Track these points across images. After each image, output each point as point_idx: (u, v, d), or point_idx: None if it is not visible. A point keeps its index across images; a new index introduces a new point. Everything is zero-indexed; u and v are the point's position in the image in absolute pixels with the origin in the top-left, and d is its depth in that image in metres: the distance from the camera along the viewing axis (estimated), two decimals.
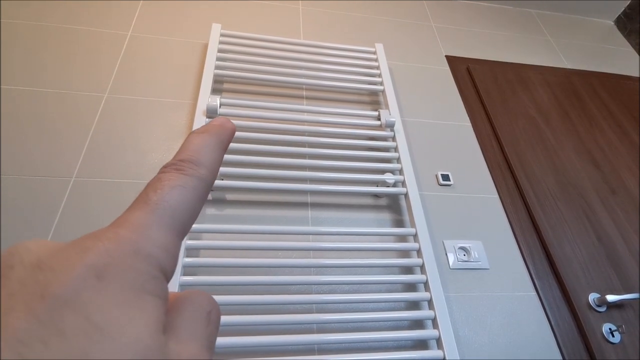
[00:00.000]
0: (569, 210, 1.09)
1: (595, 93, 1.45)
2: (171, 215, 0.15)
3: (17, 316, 0.10)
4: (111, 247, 0.13)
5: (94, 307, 0.11)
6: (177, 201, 0.15)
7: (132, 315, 0.12)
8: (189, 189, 0.16)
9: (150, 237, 0.14)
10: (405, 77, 1.30)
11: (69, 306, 0.11)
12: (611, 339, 0.88)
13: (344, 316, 0.76)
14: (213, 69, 1.06)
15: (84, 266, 0.12)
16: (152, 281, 0.13)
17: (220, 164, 0.18)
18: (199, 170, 0.16)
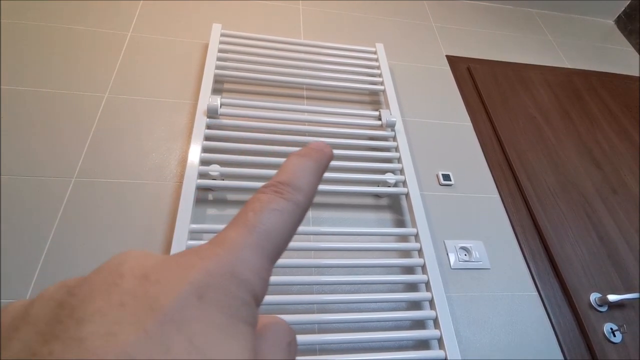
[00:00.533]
0: (570, 210, 1.09)
1: (595, 93, 1.45)
2: (267, 238, 0.14)
3: (128, 330, 0.10)
4: (211, 267, 0.13)
5: (196, 329, 0.11)
6: (273, 225, 0.15)
7: (230, 343, 0.11)
8: (286, 213, 0.15)
9: (246, 260, 0.13)
10: (405, 77, 1.30)
11: (175, 324, 0.11)
12: (612, 338, 0.88)
13: (345, 316, 0.76)
14: (213, 69, 1.06)
15: (189, 284, 0.12)
16: (245, 308, 0.13)
17: (316, 191, 0.17)
18: (297, 196, 0.16)
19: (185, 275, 0.12)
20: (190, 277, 0.12)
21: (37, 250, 0.78)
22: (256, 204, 0.15)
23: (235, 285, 0.13)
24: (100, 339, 0.10)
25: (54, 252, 0.78)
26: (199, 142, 0.91)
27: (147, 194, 0.89)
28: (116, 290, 0.11)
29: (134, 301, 0.11)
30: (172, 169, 0.94)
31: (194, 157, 0.88)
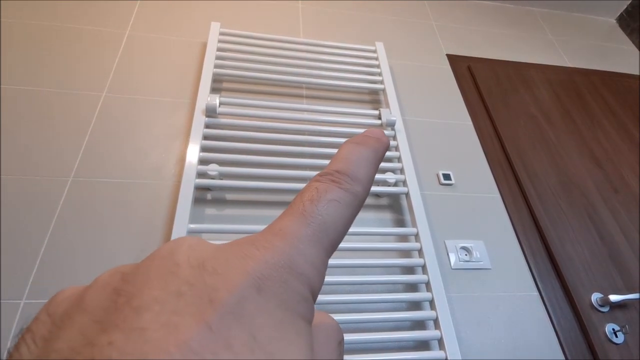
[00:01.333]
0: (571, 210, 1.08)
1: (597, 92, 1.44)
2: (325, 230, 0.14)
3: (189, 322, 0.10)
4: (269, 258, 0.12)
5: (258, 323, 0.11)
6: (332, 216, 0.14)
7: (291, 340, 0.11)
8: (344, 204, 0.15)
9: (304, 253, 0.13)
10: (406, 76, 1.29)
11: (235, 318, 0.10)
12: (614, 339, 0.87)
13: (345, 317, 0.75)
14: (212, 67, 1.05)
15: (247, 275, 0.11)
16: (303, 303, 0.12)
17: (373, 181, 0.17)
18: (356, 186, 0.15)
19: (244, 266, 0.11)
20: (248, 268, 0.11)
21: (34, 250, 0.77)
22: (313, 192, 0.14)
23: (293, 278, 0.12)
24: (161, 329, 0.10)
25: (51, 252, 0.77)
26: (197, 141, 0.90)
27: (145, 194, 0.88)
28: (173, 279, 0.11)
29: (192, 291, 0.11)
30: (170, 169, 0.93)
31: (193, 157, 0.88)
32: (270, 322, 0.11)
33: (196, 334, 0.10)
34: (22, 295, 0.72)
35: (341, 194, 0.15)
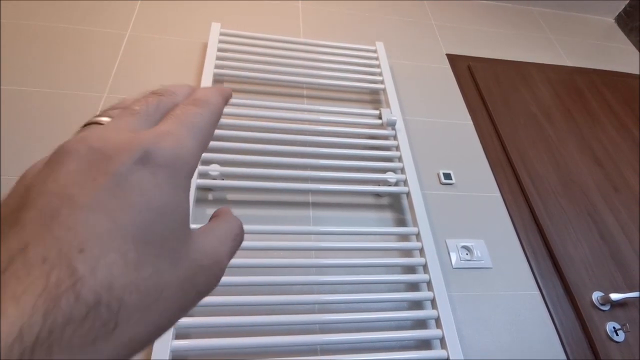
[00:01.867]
0: (572, 209, 1.08)
1: (597, 91, 1.44)
2: (195, 129, 0.17)
3: (86, 188, 0.13)
4: (152, 139, 0.15)
5: (147, 186, 0.13)
6: (198, 123, 0.17)
7: (182, 197, 0.15)
8: (204, 115, 0.18)
9: (184, 142, 0.16)
10: (406, 76, 1.30)
11: (127, 182, 0.13)
12: (615, 337, 0.87)
13: (347, 316, 0.75)
14: (213, 68, 1.05)
15: (134, 150, 0.14)
16: (185, 180, 0.15)
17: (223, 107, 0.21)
18: (209, 104, 0.19)
19: (130, 142, 0.14)
20: (134, 145, 0.14)
21: None
22: (176, 109, 0.17)
23: (177, 159, 0.15)
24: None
25: None
26: None
27: None
28: (69, 162, 0.13)
29: (88, 167, 0.13)
30: None
31: None
32: (159, 186, 0.14)
33: (93, 196, 0.12)
34: None
35: (198, 109, 0.18)
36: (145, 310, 0.12)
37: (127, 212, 0.13)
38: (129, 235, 0.12)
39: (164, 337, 0.66)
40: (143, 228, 0.13)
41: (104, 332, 0.11)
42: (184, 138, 0.16)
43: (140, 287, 0.12)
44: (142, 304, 0.12)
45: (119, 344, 0.11)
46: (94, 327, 0.11)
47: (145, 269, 0.13)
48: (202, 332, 0.73)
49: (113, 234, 0.12)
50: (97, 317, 0.11)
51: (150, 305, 0.13)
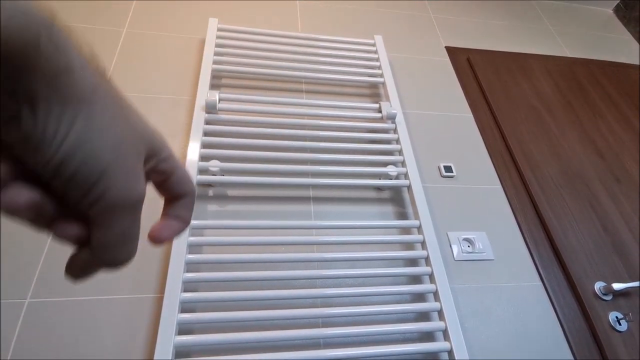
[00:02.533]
0: (573, 200, 1.08)
1: (597, 82, 1.44)
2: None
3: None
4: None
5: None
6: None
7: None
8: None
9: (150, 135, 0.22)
10: (405, 69, 1.29)
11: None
12: (618, 327, 0.87)
13: (349, 310, 0.75)
14: (211, 64, 1.05)
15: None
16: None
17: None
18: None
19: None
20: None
21: (38, 249, 0.77)
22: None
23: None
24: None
25: (54, 250, 0.77)
26: (198, 138, 0.90)
27: (147, 191, 0.88)
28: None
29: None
30: None
31: (194, 153, 0.87)
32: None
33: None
34: (27, 294, 0.72)
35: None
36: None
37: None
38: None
39: (167, 333, 0.66)
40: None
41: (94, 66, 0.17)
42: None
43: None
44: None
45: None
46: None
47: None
48: (205, 327, 0.73)
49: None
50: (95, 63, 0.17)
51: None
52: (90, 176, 0.16)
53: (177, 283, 0.71)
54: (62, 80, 0.15)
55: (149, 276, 0.78)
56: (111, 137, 0.17)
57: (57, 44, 0.14)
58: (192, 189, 0.23)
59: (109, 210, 0.18)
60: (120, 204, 0.18)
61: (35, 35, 0.13)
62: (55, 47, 0.14)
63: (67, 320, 0.71)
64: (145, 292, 0.76)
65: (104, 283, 0.76)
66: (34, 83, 0.14)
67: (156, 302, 0.75)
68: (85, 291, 0.74)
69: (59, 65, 0.15)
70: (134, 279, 0.77)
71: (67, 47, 0.15)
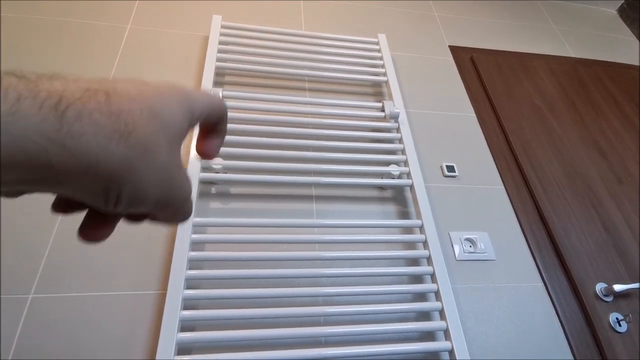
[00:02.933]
0: (576, 200, 1.08)
1: (600, 82, 1.43)
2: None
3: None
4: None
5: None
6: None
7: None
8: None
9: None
10: (408, 68, 1.29)
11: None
12: (618, 328, 0.87)
13: (351, 308, 0.76)
14: (214, 61, 1.04)
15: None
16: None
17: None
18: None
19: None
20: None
21: (42, 245, 0.77)
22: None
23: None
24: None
25: (58, 246, 0.78)
26: None
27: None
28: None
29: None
30: None
31: None
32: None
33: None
34: (30, 289, 0.72)
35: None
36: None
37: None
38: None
39: (170, 330, 0.66)
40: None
41: (117, 136, 0.17)
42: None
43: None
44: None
45: (127, 148, 0.18)
46: (112, 129, 0.17)
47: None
48: (207, 324, 0.73)
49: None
50: (117, 124, 0.17)
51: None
52: (147, 206, 0.20)
53: (179, 280, 0.71)
54: (90, 172, 0.17)
55: (151, 273, 0.78)
56: (155, 179, 0.19)
57: (69, 150, 0.16)
58: (224, 111, 0.26)
59: (164, 209, 0.22)
60: (173, 204, 0.22)
61: (42, 150, 0.15)
62: (69, 153, 0.16)
63: (70, 315, 0.71)
64: (148, 289, 0.76)
65: (108, 279, 0.76)
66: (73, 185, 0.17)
67: (159, 299, 0.75)
68: (89, 287, 0.74)
69: (81, 166, 0.16)
70: (137, 276, 0.77)
71: (82, 144, 0.16)
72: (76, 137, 0.16)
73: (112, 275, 0.76)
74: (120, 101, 0.18)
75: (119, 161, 0.17)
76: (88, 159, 0.16)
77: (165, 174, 0.20)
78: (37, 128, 0.14)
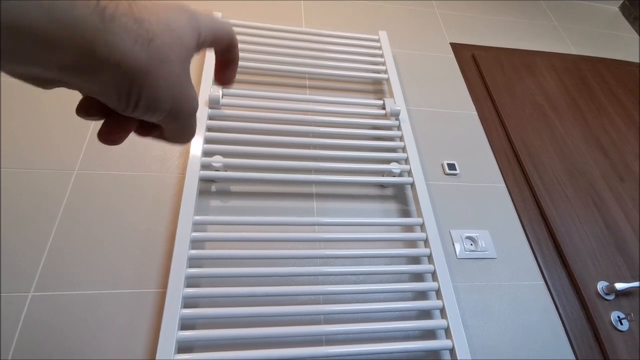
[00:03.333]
0: (577, 198, 1.08)
1: (602, 79, 1.43)
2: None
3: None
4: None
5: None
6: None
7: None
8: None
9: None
10: (409, 65, 1.28)
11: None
12: (620, 326, 0.87)
13: (352, 307, 0.75)
14: (214, 58, 1.04)
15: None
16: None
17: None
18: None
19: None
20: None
21: (41, 243, 0.77)
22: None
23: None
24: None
25: (58, 245, 0.77)
26: (201, 133, 0.90)
27: (149, 186, 0.88)
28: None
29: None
30: (174, 161, 0.93)
31: (197, 149, 0.87)
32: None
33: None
34: (30, 287, 0.72)
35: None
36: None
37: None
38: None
39: (170, 328, 0.66)
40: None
41: (141, 40, 0.19)
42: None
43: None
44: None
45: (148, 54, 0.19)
46: (137, 33, 0.19)
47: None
48: (207, 322, 0.73)
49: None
50: (140, 30, 0.19)
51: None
52: (161, 114, 0.22)
53: (179, 278, 0.71)
54: (121, 67, 0.18)
55: (152, 271, 0.78)
56: (169, 88, 0.21)
57: (107, 43, 0.18)
58: (232, 35, 0.27)
59: (174, 120, 0.23)
60: (182, 116, 0.23)
61: (89, 36, 0.17)
62: (107, 46, 0.18)
63: (71, 313, 0.71)
64: (148, 287, 0.76)
65: (108, 277, 0.76)
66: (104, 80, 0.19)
67: (159, 297, 0.75)
68: (89, 285, 0.74)
69: (113, 59, 0.18)
70: (137, 274, 0.77)
71: (117, 40, 0.18)
72: (112, 34, 0.17)
73: (112, 274, 0.76)
74: (141, 11, 0.19)
75: (142, 63, 0.19)
76: (120, 54, 0.18)
77: (178, 85, 0.22)
78: (89, 19, 0.17)
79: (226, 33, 0.26)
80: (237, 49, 0.28)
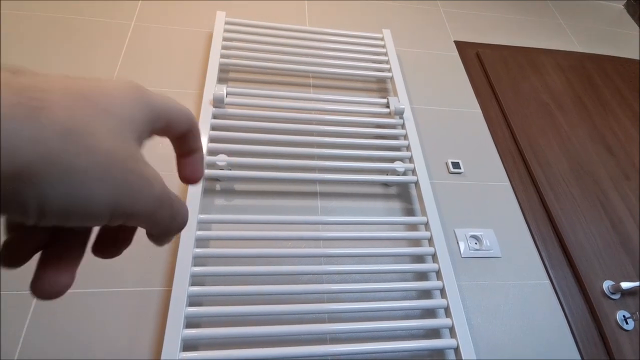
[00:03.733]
0: (583, 197, 1.07)
1: (608, 77, 1.42)
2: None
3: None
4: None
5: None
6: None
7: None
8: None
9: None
10: (413, 64, 1.28)
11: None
12: (625, 326, 0.87)
13: (356, 305, 0.75)
14: (218, 57, 1.04)
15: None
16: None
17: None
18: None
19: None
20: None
21: None
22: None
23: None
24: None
25: None
26: (205, 132, 0.90)
27: None
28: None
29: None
30: None
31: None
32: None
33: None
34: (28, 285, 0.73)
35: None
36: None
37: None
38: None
39: (175, 326, 0.66)
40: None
41: (22, 113, 0.13)
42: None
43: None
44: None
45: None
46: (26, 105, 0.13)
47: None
48: (212, 321, 0.74)
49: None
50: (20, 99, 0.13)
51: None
52: (101, 217, 0.16)
53: (184, 277, 0.71)
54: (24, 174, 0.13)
55: (157, 270, 0.78)
56: (96, 173, 0.15)
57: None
58: (192, 119, 0.23)
59: (137, 220, 0.18)
60: (146, 212, 0.18)
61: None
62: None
63: (76, 312, 0.72)
64: (153, 286, 0.76)
65: (113, 276, 0.76)
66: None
67: (164, 296, 0.75)
68: (94, 284, 0.75)
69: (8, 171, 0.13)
70: (143, 273, 0.77)
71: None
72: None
73: (118, 272, 0.77)
74: (33, 78, 0.14)
75: (26, 148, 0.13)
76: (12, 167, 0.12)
77: (114, 165, 0.15)
78: None
79: (185, 117, 0.22)
80: (199, 138, 0.23)
